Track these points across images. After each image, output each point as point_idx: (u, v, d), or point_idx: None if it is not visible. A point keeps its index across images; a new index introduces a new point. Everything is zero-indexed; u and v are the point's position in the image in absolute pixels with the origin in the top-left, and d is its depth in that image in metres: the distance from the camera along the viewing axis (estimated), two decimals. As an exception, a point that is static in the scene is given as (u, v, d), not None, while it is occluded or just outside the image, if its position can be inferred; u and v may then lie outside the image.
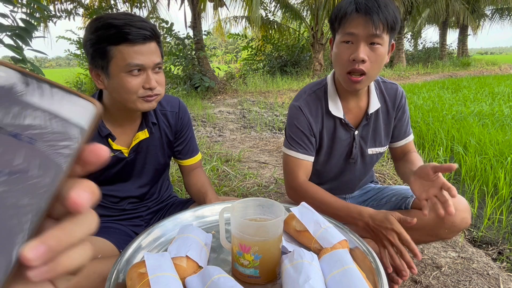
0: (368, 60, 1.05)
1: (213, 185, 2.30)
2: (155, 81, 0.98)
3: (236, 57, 18.40)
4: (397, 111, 1.29)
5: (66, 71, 12.44)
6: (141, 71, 0.95)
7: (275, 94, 7.44)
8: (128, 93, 0.96)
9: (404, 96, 1.29)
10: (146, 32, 0.93)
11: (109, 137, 1.07)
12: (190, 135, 1.29)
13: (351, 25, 1.04)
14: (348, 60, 1.07)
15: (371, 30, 1.02)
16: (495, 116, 4.01)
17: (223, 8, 9.16)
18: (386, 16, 1.02)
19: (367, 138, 1.27)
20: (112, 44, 0.91)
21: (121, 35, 0.90)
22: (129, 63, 0.92)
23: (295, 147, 1.22)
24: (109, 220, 1.20)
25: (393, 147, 1.36)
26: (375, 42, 1.05)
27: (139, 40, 0.92)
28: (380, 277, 0.71)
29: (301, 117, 1.21)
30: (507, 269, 1.44)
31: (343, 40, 1.08)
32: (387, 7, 1.03)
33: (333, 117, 1.23)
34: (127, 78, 0.94)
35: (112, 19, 0.91)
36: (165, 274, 0.67)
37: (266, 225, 0.74)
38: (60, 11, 7.13)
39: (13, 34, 2.26)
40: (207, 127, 4.50)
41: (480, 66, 14.55)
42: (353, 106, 1.24)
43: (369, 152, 1.30)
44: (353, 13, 1.03)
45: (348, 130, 1.24)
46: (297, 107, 1.23)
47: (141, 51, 0.93)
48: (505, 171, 2.25)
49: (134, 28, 0.90)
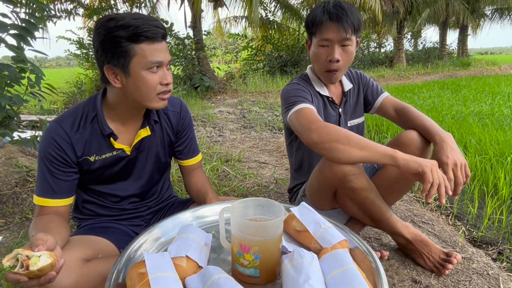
0: (341, 59, 1.31)
1: (213, 185, 2.30)
2: (170, 77, 1.03)
3: (236, 57, 18.40)
4: (364, 84, 1.55)
5: (66, 71, 12.42)
6: (158, 68, 0.99)
7: (275, 94, 7.44)
8: (148, 90, 1.00)
9: (363, 73, 1.58)
10: (162, 31, 0.98)
11: (111, 136, 1.07)
12: (191, 135, 1.30)
13: (326, 31, 1.28)
14: (325, 60, 1.32)
15: (343, 35, 1.26)
16: (495, 116, 4.01)
17: (223, 8, 9.17)
18: (353, 21, 1.26)
19: (347, 113, 1.52)
20: (133, 42, 0.94)
21: (142, 34, 0.93)
22: (150, 60, 0.96)
23: (298, 101, 1.30)
24: (109, 220, 1.20)
25: (378, 108, 1.53)
26: (345, 44, 1.30)
27: (158, 38, 0.96)
28: (380, 277, 0.71)
29: (300, 86, 1.38)
30: (507, 269, 1.44)
31: (320, 44, 1.31)
32: (352, 13, 1.26)
33: (321, 97, 1.44)
34: (147, 75, 0.98)
35: (130, 19, 0.93)
36: (165, 274, 0.67)
37: (266, 225, 0.74)
38: (60, 11, 7.13)
39: (14, 34, 2.26)
40: (207, 127, 4.50)
41: (480, 66, 14.55)
42: (333, 89, 1.49)
43: (349, 124, 1.52)
44: (327, 21, 1.27)
45: (334, 108, 1.47)
46: (293, 83, 1.41)
47: (159, 49, 0.97)
48: (505, 171, 2.25)
49: (152, 26, 0.94)
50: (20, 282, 0.65)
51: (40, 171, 1.03)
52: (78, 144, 1.04)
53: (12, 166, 2.16)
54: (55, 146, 1.01)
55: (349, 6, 1.28)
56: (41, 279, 0.66)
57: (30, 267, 0.64)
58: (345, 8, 1.26)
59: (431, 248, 1.28)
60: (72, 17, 7.34)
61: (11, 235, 1.74)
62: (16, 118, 2.59)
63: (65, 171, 1.04)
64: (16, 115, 2.56)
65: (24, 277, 0.65)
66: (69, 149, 1.03)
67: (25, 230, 1.77)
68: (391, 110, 1.48)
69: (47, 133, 1.03)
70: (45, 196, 1.02)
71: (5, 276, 0.65)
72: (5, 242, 1.67)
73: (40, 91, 2.64)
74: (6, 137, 2.30)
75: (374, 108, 1.54)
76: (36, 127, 3.87)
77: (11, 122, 2.57)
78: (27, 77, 2.48)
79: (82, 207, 1.20)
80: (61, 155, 1.02)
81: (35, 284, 0.67)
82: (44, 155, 1.02)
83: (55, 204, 1.03)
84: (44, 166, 1.02)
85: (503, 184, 2.11)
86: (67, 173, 1.05)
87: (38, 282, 0.67)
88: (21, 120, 3.39)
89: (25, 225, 1.83)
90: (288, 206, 1.00)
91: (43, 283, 0.67)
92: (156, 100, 1.03)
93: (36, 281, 0.67)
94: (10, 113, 2.50)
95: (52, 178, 1.02)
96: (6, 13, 2.26)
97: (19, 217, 1.90)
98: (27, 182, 2.09)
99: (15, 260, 0.65)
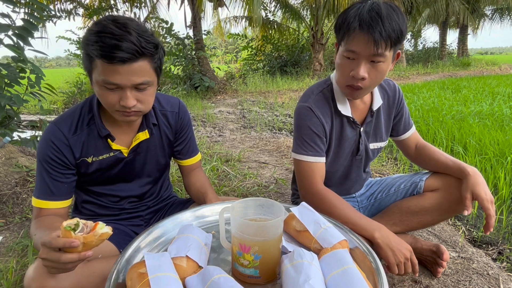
0: (368, 76, 1.07)
1: (213, 185, 2.30)
2: (132, 100, 0.94)
3: (236, 57, 18.38)
4: (397, 106, 1.34)
5: (66, 71, 12.43)
6: (118, 88, 0.93)
7: (275, 94, 7.44)
8: (105, 103, 0.97)
9: (400, 90, 1.36)
10: (128, 55, 0.87)
11: (109, 138, 1.07)
12: (190, 135, 1.29)
13: (353, 42, 1.03)
14: (348, 75, 1.09)
15: (373, 49, 1.01)
16: (495, 116, 4.01)
17: (223, 8, 9.16)
18: (389, 33, 0.99)
19: (369, 134, 1.32)
20: (94, 56, 0.89)
21: (102, 51, 0.86)
22: (104, 79, 0.91)
23: (308, 150, 1.20)
24: (109, 220, 1.20)
25: (401, 140, 1.41)
26: (376, 60, 1.04)
27: (116, 61, 0.87)
28: (380, 277, 0.71)
29: (313, 118, 1.20)
30: (507, 269, 1.44)
31: (345, 55, 1.08)
32: (391, 20, 0.99)
33: (341, 116, 1.24)
34: (104, 91, 0.94)
35: (101, 33, 0.87)
36: (165, 274, 0.67)
37: (266, 225, 0.74)
38: (60, 11, 7.13)
39: (14, 34, 2.26)
40: (207, 127, 4.50)
41: (480, 66, 14.55)
42: (358, 104, 1.26)
43: (371, 147, 1.34)
44: (356, 30, 1.02)
45: (354, 127, 1.27)
46: (307, 108, 1.21)
47: (118, 71, 0.89)
48: (505, 171, 2.25)
49: (117, 49, 0.86)
50: (68, 247, 0.68)
51: (39, 173, 1.03)
52: (76, 146, 1.04)
53: (12, 166, 2.16)
54: (53, 148, 1.01)
55: (390, 11, 1.00)
56: (81, 254, 0.70)
57: (98, 230, 0.69)
58: (383, 15, 0.99)
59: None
60: (72, 17, 7.34)
61: (11, 235, 1.74)
62: (16, 118, 2.59)
63: (63, 173, 1.04)
64: (16, 115, 2.56)
65: (77, 241, 0.68)
66: (67, 151, 1.03)
67: (25, 230, 1.77)
68: (413, 146, 1.39)
69: (45, 135, 1.03)
70: (44, 198, 1.02)
71: (52, 241, 0.68)
72: (5, 242, 1.67)
73: (40, 91, 2.64)
74: (6, 137, 2.30)
75: (397, 139, 1.42)
76: (36, 127, 3.87)
77: (11, 122, 2.57)
78: (27, 77, 2.48)
79: (82, 207, 1.20)
80: (60, 157, 1.02)
81: (73, 259, 0.70)
82: (43, 157, 1.02)
83: (54, 206, 1.03)
84: (43, 168, 1.02)
85: (503, 184, 2.11)
86: (66, 175, 1.05)
87: (78, 257, 0.70)
88: (21, 120, 3.39)
89: (25, 225, 1.83)
90: (288, 206, 1.00)
91: (82, 258, 0.70)
92: (117, 114, 0.99)
93: (76, 255, 0.70)
94: (10, 113, 2.51)
95: (51, 180, 1.02)
96: (6, 13, 2.26)
97: (19, 217, 1.90)
98: (27, 182, 2.09)
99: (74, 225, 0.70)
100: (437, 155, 1.30)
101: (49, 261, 0.71)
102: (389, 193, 1.41)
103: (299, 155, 1.22)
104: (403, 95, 1.37)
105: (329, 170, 1.31)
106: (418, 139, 1.40)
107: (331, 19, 10.65)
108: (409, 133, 1.39)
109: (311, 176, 1.20)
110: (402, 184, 1.37)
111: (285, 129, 4.32)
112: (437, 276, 1.28)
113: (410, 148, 1.40)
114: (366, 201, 1.49)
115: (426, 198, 1.28)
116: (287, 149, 3.20)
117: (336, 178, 1.39)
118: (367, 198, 1.49)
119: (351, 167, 1.36)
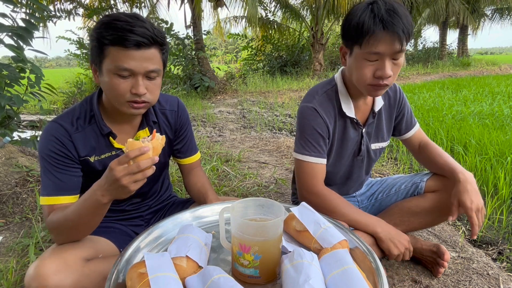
0: (392, 74, 1.08)
1: (213, 185, 2.30)
2: (144, 88, 0.95)
3: (236, 57, 18.39)
4: (399, 106, 1.35)
5: (66, 71, 12.43)
6: (131, 75, 0.95)
7: (275, 94, 7.44)
8: (116, 94, 0.96)
9: (401, 90, 1.36)
10: (143, 39, 0.91)
11: (111, 135, 1.07)
12: (189, 133, 1.29)
13: (378, 44, 1.02)
14: (372, 76, 1.08)
15: (397, 47, 1.02)
16: (495, 116, 4.01)
17: (223, 8, 9.17)
18: (408, 28, 1.02)
19: (371, 134, 1.33)
20: (107, 44, 0.91)
21: (116, 38, 0.90)
22: (118, 65, 0.92)
23: (311, 151, 1.20)
24: (109, 220, 1.20)
25: (406, 139, 1.41)
26: (397, 58, 1.06)
27: (131, 45, 0.90)
28: (380, 277, 0.71)
29: (318, 118, 1.20)
30: (507, 269, 1.44)
31: (367, 58, 1.06)
32: (406, 17, 1.02)
33: (344, 117, 1.25)
34: (116, 79, 0.94)
35: (115, 20, 0.91)
36: (165, 274, 0.67)
37: (266, 225, 0.74)
38: (60, 11, 7.13)
39: (13, 34, 2.26)
40: (207, 127, 4.50)
41: (480, 66, 14.55)
42: (361, 105, 1.27)
43: (372, 148, 1.35)
44: (381, 32, 1.01)
45: (357, 128, 1.28)
46: (312, 108, 1.21)
47: (133, 56, 0.92)
48: (505, 171, 2.25)
49: (132, 33, 0.90)
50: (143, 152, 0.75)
51: (43, 171, 0.99)
52: (79, 143, 1.02)
53: (12, 166, 2.16)
54: (56, 142, 0.99)
55: (400, 7, 1.04)
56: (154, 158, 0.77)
57: (157, 136, 0.80)
58: (399, 12, 1.01)
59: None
60: (72, 17, 7.34)
61: (11, 235, 1.74)
62: (16, 118, 2.59)
63: (69, 166, 1.01)
64: (16, 115, 2.56)
65: (147, 147, 0.76)
66: (71, 145, 1.01)
67: (25, 230, 1.77)
68: (416, 144, 1.40)
69: (46, 133, 1.00)
70: (54, 194, 0.98)
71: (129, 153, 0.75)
72: (5, 242, 1.67)
73: (40, 91, 2.64)
74: (6, 137, 2.30)
75: (401, 137, 1.42)
76: (36, 127, 3.87)
77: (11, 122, 2.57)
78: (27, 77, 2.48)
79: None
80: (63, 150, 0.99)
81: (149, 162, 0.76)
82: (46, 153, 0.98)
83: (65, 201, 0.98)
84: (47, 164, 0.98)
85: (503, 184, 2.11)
86: (72, 169, 1.01)
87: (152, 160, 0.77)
88: (21, 120, 3.39)
89: (25, 225, 1.83)
90: (288, 206, 1.00)
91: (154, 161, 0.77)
92: (126, 106, 0.98)
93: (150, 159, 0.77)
94: (10, 113, 2.51)
95: (58, 173, 0.99)
96: (6, 13, 2.26)
97: (19, 217, 1.89)
98: (27, 182, 2.09)
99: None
100: (435, 157, 1.30)
101: (129, 175, 0.76)
102: (389, 194, 1.41)
103: (301, 155, 1.22)
104: (406, 99, 1.37)
105: (331, 170, 1.32)
106: (422, 138, 1.39)
107: (331, 19, 10.65)
108: (411, 132, 1.39)
109: (314, 176, 1.20)
110: (403, 185, 1.38)
111: (285, 129, 4.32)
112: (438, 276, 1.28)
113: (414, 146, 1.41)
114: (367, 201, 1.49)
115: (426, 199, 1.29)
116: (287, 149, 3.20)
117: (338, 179, 1.39)
118: (368, 198, 1.49)
119: (353, 167, 1.37)
